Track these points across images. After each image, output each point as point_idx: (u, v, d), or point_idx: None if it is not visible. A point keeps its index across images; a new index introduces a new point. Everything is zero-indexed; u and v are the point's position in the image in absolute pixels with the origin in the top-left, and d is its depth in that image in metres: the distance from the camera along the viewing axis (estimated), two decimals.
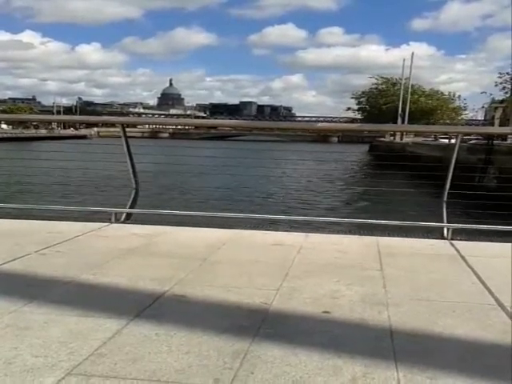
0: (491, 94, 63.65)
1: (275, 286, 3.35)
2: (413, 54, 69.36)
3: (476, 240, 4.99)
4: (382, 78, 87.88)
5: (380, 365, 2.25)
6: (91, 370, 2.14)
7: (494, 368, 2.26)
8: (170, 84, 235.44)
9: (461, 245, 4.69)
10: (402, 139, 54.85)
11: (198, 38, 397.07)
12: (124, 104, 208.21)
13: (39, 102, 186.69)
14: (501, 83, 59.37)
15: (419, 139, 48.42)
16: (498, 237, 5.02)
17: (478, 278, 3.64)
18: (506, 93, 58.49)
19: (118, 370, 2.15)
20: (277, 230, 5.39)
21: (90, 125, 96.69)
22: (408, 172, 11.62)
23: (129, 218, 5.71)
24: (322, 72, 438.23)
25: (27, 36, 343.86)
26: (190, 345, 2.42)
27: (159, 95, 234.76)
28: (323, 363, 2.26)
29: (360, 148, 53.32)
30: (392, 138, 60.18)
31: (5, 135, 63.80)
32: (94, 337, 2.48)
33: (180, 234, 5.10)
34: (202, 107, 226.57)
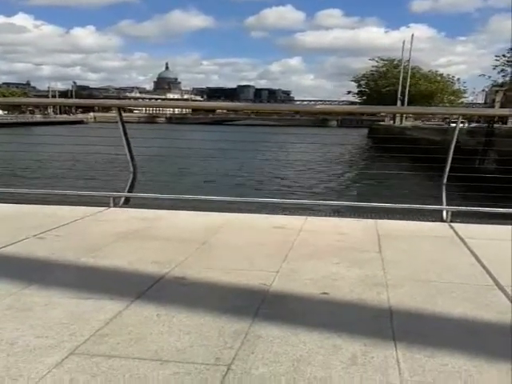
0: (490, 77, 63.52)
1: (275, 268, 3.37)
2: (412, 35, 69.14)
3: (475, 222, 5.00)
4: (382, 60, 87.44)
5: (379, 344, 2.27)
6: (93, 350, 2.16)
7: (491, 347, 2.28)
8: (166, 68, 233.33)
9: (460, 227, 4.70)
10: (401, 123, 54.83)
11: (195, 20, 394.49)
12: (120, 88, 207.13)
13: (34, 87, 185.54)
14: (498, 66, 59.26)
15: (419, 123, 48.43)
16: (498, 219, 5.03)
17: (477, 259, 3.66)
18: (505, 76, 58.37)
19: (121, 350, 2.17)
20: (276, 213, 5.40)
21: (86, 110, 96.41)
22: (407, 155, 11.62)
23: (127, 203, 5.71)
24: (320, 55, 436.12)
25: (20, 19, 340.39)
26: (190, 325, 2.44)
27: (155, 79, 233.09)
28: (323, 342, 2.28)
29: (359, 132, 53.20)
30: (391, 121, 60.16)
31: None
32: (96, 318, 2.50)
33: (179, 218, 5.11)
34: (198, 91, 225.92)
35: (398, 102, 62.26)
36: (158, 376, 1.97)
